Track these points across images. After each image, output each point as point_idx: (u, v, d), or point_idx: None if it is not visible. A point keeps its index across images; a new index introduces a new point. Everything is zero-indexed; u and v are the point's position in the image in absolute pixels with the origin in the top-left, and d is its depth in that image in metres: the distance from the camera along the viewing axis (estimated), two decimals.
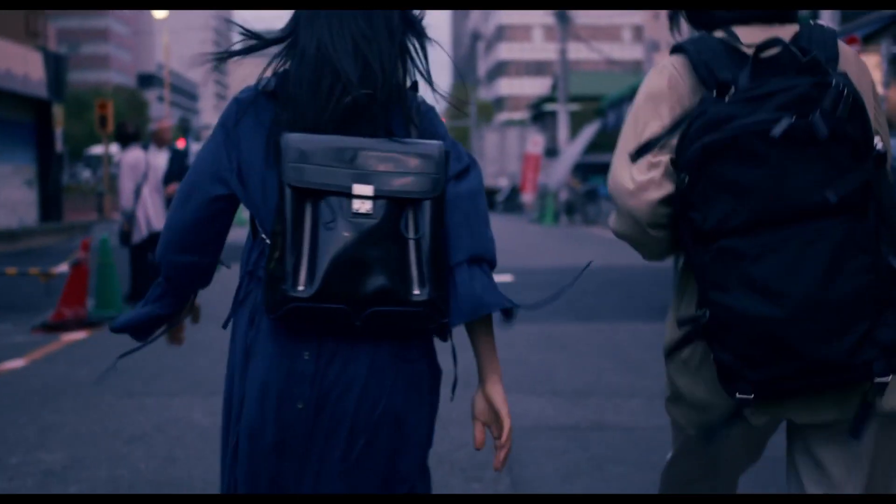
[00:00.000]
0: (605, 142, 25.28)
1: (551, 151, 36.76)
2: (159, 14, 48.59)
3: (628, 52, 73.70)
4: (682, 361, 2.13)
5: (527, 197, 33.83)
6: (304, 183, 1.89)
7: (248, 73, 2.13)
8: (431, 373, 2.07)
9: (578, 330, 8.43)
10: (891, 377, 1.89)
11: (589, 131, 33.26)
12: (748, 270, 1.88)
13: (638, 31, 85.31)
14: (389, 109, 1.99)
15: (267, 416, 1.95)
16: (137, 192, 9.47)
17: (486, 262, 1.98)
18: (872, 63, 17.62)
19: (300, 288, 1.85)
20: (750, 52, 2.04)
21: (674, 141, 2.05)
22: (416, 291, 1.88)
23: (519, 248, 16.98)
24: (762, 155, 1.88)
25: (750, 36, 2.09)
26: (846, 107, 1.89)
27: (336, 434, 1.96)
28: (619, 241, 2.29)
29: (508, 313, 1.98)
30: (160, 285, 2.16)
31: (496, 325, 2.01)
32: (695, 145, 1.93)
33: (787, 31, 2.12)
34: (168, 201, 9.71)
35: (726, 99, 1.96)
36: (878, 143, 1.95)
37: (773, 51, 2.02)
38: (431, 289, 1.88)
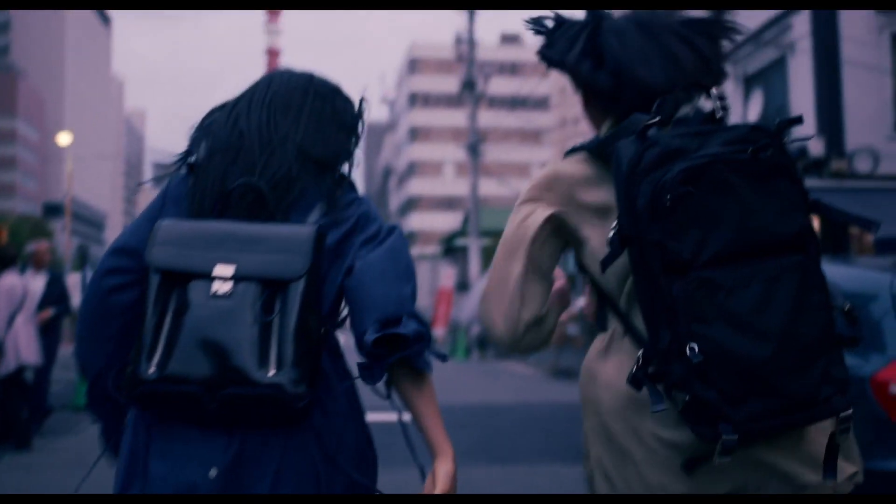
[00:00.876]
0: None
1: (462, 285, 36.52)
2: (63, 141, 47.70)
3: None
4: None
5: (438, 332, 33.27)
6: (166, 265, 1.91)
7: None
8: (362, 436, 2.10)
9: (494, 474, 7.74)
10: (851, 410, 1.93)
11: None
12: (725, 303, 1.84)
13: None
14: (281, 199, 2.02)
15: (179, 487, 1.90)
16: (11, 320, 8.60)
17: (406, 316, 1.97)
18: None
19: (151, 370, 1.84)
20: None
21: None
22: (271, 373, 1.83)
23: None
24: (731, 185, 1.86)
25: None
26: (784, 147, 1.93)
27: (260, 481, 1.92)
28: (534, 377, 2.28)
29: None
30: (90, 390, 2.14)
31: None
32: (671, 170, 1.86)
33: None
34: (41, 328, 8.93)
35: (649, 137, 1.92)
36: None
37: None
38: (290, 371, 1.84)
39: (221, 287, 1.88)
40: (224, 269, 1.89)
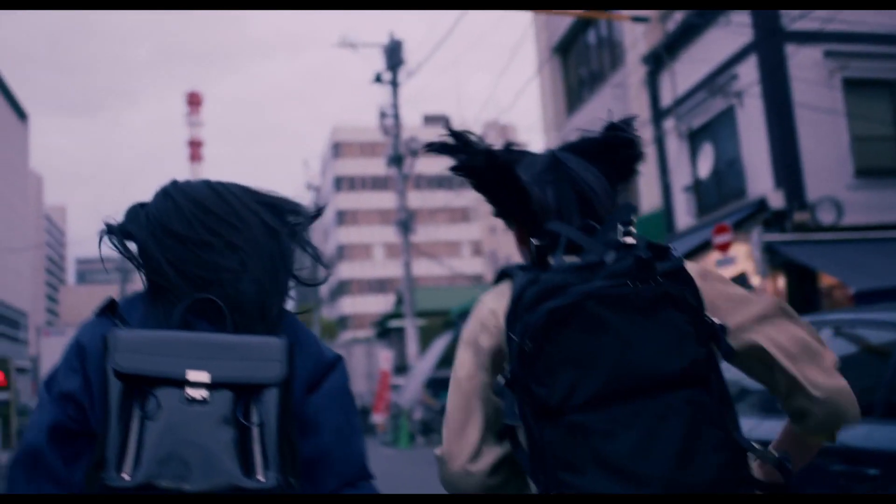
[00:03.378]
0: None
1: (400, 368, 35.00)
2: None
3: (468, 265, 74.30)
4: None
5: (378, 418, 31.56)
6: (132, 369, 1.79)
7: (79, 300, 1.41)
8: None
9: None
10: None
11: (440, 344, 31.77)
12: (600, 448, 1.73)
13: (477, 246, 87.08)
14: (240, 313, 1.95)
15: None
16: None
17: (362, 479, 2.01)
18: (743, 252, 16.74)
19: (125, 476, 1.68)
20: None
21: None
22: (261, 478, 1.74)
23: None
24: (607, 322, 1.78)
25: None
26: (680, 275, 1.84)
27: None
28: None
29: None
30: None
31: None
32: (537, 311, 1.79)
33: None
34: None
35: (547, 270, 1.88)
36: (712, 317, 1.86)
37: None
38: (278, 474, 1.75)
39: (197, 393, 1.78)
40: (198, 374, 1.79)
